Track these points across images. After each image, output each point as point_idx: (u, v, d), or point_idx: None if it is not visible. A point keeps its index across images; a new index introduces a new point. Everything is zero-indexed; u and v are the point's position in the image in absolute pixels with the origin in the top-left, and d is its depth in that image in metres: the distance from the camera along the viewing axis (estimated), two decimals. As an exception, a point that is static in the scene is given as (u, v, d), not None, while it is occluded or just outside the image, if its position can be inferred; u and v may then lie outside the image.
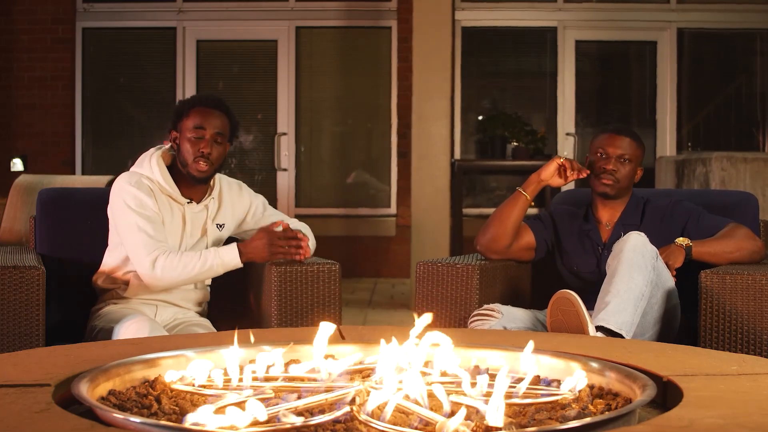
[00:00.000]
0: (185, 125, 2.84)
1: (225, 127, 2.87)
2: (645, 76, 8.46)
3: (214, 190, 2.95)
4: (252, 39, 8.41)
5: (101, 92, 8.38)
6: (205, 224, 2.91)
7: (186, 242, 2.87)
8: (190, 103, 2.89)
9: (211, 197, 2.94)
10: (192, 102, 2.89)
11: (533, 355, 1.70)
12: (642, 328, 2.65)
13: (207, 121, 2.83)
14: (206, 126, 2.82)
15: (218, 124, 2.85)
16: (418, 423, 1.39)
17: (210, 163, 2.83)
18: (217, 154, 2.84)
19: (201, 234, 2.91)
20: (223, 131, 2.86)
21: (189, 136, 2.82)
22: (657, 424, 1.33)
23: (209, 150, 2.82)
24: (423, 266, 2.99)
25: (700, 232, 2.93)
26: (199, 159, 2.81)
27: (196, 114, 2.84)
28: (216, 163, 2.85)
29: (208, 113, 2.84)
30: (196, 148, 2.81)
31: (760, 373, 1.68)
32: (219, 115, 2.86)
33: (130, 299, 2.87)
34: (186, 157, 2.83)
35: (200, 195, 2.92)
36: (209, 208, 2.92)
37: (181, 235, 2.87)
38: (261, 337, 1.90)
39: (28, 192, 4.54)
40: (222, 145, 2.86)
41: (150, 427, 1.33)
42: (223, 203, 2.97)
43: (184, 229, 2.87)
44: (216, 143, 2.84)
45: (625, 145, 3.00)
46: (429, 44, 6.46)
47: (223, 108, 2.88)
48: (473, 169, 8.19)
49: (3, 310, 2.60)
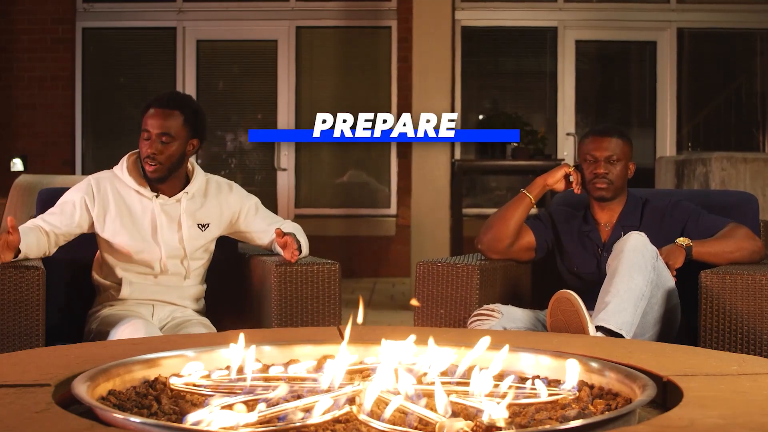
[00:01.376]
0: (142, 126, 2.89)
1: (174, 126, 2.86)
2: (645, 76, 8.46)
3: (191, 186, 2.95)
4: (252, 39, 8.41)
5: (101, 92, 8.38)
6: (179, 222, 2.92)
7: (163, 236, 2.89)
8: (145, 105, 2.92)
9: (185, 192, 2.93)
10: (147, 104, 2.92)
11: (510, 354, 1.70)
12: (642, 328, 2.65)
13: (151, 123, 2.86)
14: (149, 128, 2.86)
15: (162, 125, 2.84)
16: (418, 423, 1.39)
17: (158, 163, 2.85)
18: (166, 154, 2.85)
19: (177, 232, 2.92)
20: (168, 131, 2.85)
21: (141, 137, 2.87)
22: (657, 424, 1.33)
23: (152, 151, 2.84)
24: (423, 266, 2.99)
25: (700, 232, 2.93)
26: (146, 159, 2.86)
27: (146, 116, 2.88)
28: (166, 163, 2.85)
29: (155, 114, 2.86)
30: (143, 149, 2.86)
31: (760, 373, 1.68)
32: (168, 114, 2.86)
33: (125, 300, 2.88)
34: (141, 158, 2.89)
35: (171, 190, 2.93)
36: (183, 203, 2.93)
37: (155, 228, 2.89)
38: (261, 337, 1.91)
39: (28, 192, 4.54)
40: (172, 143, 2.85)
41: (150, 427, 1.33)
42: (207, 203, 2.97)
43: (157, 222, 2.89)
44: (161, 143, 2.84)
45: (611, 146, 3.00)
46: (429, 44, 6.46)
47: (174, 105, 2.88)
48: (473, 169, 8.19)
49: (3, 310, 2.60)
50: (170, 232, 2.90)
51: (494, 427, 1.37)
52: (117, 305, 2.87)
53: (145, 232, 2.88)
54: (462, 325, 2.88)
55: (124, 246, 2.87)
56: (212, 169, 3.41)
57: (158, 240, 2.88)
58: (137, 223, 2.88)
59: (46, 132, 8.10)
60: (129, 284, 2.88)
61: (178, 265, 2.92)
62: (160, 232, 2.88)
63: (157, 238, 2.88)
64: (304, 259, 2.90)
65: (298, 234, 2.93)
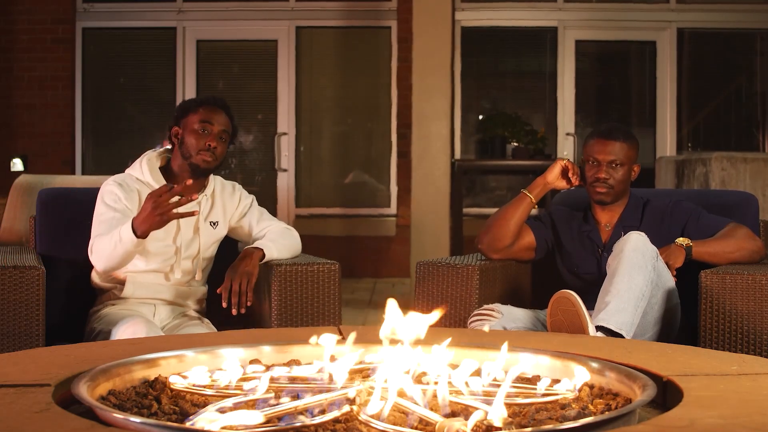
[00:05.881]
0: (191, 120, 2.88)
1: (229, 128, 2.95)
2: (645, 76, 8.46)
3: (207, 188, 2.98)
4: (252, 39, 8.41)
5: (101, 92, 8.38)
6: (197, 222, 2.92)
7: (180, 239, 2.89)
8: (197, 100, 2.96)
9: (204, 194, 2.96)
10: (200, 100, 2.96)
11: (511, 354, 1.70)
12: (642, 328, 2.65)
13: (214, 118, 2.89)
14: (213, 122, 2.89)
15: (224, 123, 2.92)
16: (418, 423, 1.39)
17: (215, 158, 2.88)
18: (221, 150, 2.90)
19: (193, 231, 2.93)
20: (227, 130, 2.93)
21: (195, 128, 2.86)
22: (657, 424, 1.33)
23: (215, 144, 2.87)
24: (423, 266, 2.99)
25: (700, 232, 2.93)
26: (204, 152, 2.86)
27: (204, 110, 2.89)
28: (219, 159, 2.91)
29: (216, 111, 2.91)
30: (203, 141, 2.86)
31: (760, 373, 1.68)
32: (225, 115, 2.94)
33: (127, 299, 2.88)
34: (190, 150, 2.86)
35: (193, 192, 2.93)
36: (201, 206, 2.94)
37: (176, 232, 2.89)
38: (261, 337, 1.91)
39: (28, 192, 4.53)
40: (225, 143, 2.93)
41: (150, 427, 1.33)
42: (216, 203, 3.00)
43: (178, 226, 2.89)
44: (221, 140, 2.89)
45: (615, 149, 2.96)
46: (429, 44, 6.47)
47: (227, 111, 2.96)
48: (473, 169, 8.19)
49: (3, 310, 2.60)
50: (188, 233, 2.92)
51: (494, 427, 1.37)
52: (119, 304, 2.87)
53: (165, 236, 2.86)
54: (462, 325, 2.88)
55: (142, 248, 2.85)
56: (212, 169, 3.42)
57: (177, 242, 2.89)
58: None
59: (46, 132, 8.10)
60: (132, 283, 2.87)
61: (188, 264, 2.92)
62: (181, 234, 2.89)
63: (176, 241, 2.89)
64: (304, 259, 2.91)
65: (279, 238, 2.94)
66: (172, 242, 2.88)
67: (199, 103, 2.93)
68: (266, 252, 2.87)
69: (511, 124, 7.95)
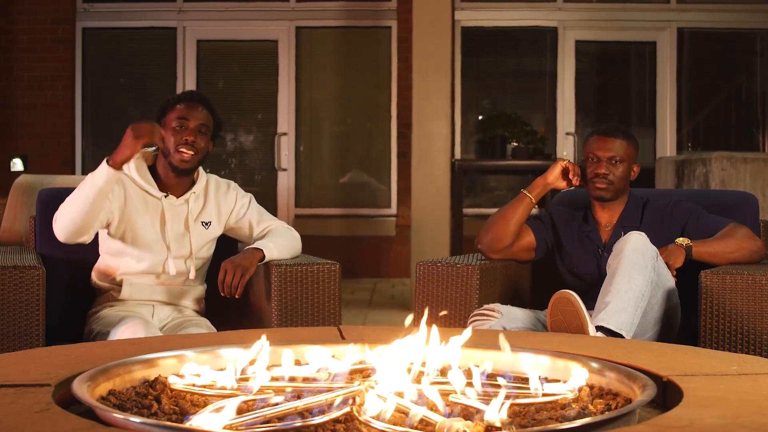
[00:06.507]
0: (169, 118, 2.88)
1: (208, 121, 2.91)
2: (645, 76, 8.46)
3: (197, 185, 2.96)
4: (252, 39, 8.41)
5: (101, 92, 8.38)
6: (187, 221, 2.92)
7: (171, 235, 2.89)
8: (175, 98, 2.94)
9: (193, 192, 2.95)
10: (177, 97, 2.94)
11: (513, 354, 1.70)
12: (642, 328, 2.65)
13: (190, 114, 2.87)
14: (189, 117, 2.87)
15: (202, 117, 2.89)
16: (418, 423, 1.39)
17: (195, 151, 2.85)
18: (201, 144, 2.87)
19: (184, 229, 2.93)
20: (206, 124, 2.90)
21: (173, 126, 2.86)
22: (657, 424, 1.33)
23: (193, 138, 2.85)
24: (423, 266, 2.99)
25: (699, 232, 2.93)
26: (181, 146, 2.84)
27: (181, 107, 2.88)
28: (201, 152, 2.88)
29: (192, 107, 2.89)
30: (180, 136, 2.85)
31: (760, 373, 1.68)
32: (203, 109, 2.91)
33: (125, 301, 2.88)
34: (169, 146, 2.86)
35: (181, 190, 2.93)
36: (190, 203, 2.93)
37: (162, 229, 2.89)
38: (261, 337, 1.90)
39: (28, 192, 4.53)
40: (205, 136, 2.89)
41: (150, 427, 1.33)
42: (208, 202, 2.98)
43: (164, 223, 2.89)
44: (200, 133, 2.87)
45: (615, 146, 2.99)
46: (429, 44, 6.46)
47: (207, 104, 2.93)
48: (473, 169, 8.19)
49: (3, 310, 2.60)
50: (178, 231, 2.91)
51: (494, 427, 1.37)
52: (117, 305, 2.87)
53: (153, 232, 2.88)
54: (462, 325, 2.88)
55: (130, 245, 2.86)
56: (212, 169, 3.43)
57: (166, 239, 2.89)
58: (145, 222, 2.88)
59: (46, 132, 8.10)
60: (129, 285, 2.88)
61: (181, 264, 2.92)
62: (169, 231, 2.89)
63: (165, 238, 2.89)
64: (304, 259, 2.91)
65: (279, 239, 2.94)
66: (161, 239, 2.88)
67: (176, 101, 2.91)
68: (266, 252, 2.87)
69: (511, 124, 7.96)
